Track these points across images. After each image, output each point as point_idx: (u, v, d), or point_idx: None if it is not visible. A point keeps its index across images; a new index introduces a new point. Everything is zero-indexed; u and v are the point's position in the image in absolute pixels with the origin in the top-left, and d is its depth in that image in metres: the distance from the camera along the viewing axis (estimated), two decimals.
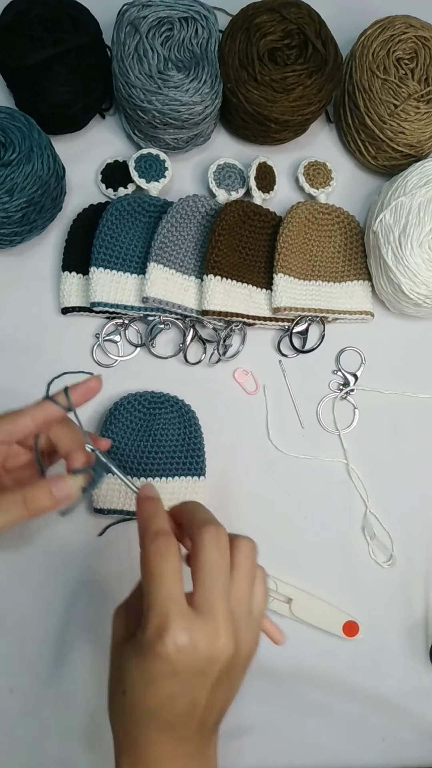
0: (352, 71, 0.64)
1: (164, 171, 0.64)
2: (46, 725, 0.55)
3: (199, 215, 0.64)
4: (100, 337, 0.63)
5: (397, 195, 0.61)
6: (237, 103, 0.62)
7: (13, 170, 0.56)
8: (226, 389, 0.64)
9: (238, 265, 0.63)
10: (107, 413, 0.60)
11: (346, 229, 0.67)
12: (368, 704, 0.59)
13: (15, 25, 0.59)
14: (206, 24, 0.62)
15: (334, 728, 0.58)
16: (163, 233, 0.61)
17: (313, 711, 0.58)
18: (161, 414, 0.60)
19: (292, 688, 0.58)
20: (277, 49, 0.62)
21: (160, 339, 0.64)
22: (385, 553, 0.62)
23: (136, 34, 0.60)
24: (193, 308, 0.63)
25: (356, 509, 0.63)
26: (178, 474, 0.60)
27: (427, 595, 0.62)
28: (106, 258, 0.61)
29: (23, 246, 0.63)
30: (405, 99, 0.62)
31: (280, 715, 0.57)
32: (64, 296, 0.62)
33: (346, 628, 0.59)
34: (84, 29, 0.60)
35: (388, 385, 0.65)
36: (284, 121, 0.63)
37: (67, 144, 0.66)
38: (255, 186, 0.65)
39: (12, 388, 0.61)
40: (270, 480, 0.62)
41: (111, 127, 0.68)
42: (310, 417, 0.64)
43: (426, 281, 0.60)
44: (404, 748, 0.58)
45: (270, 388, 0.64)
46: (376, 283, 0.66)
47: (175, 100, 0.59)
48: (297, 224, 0.64)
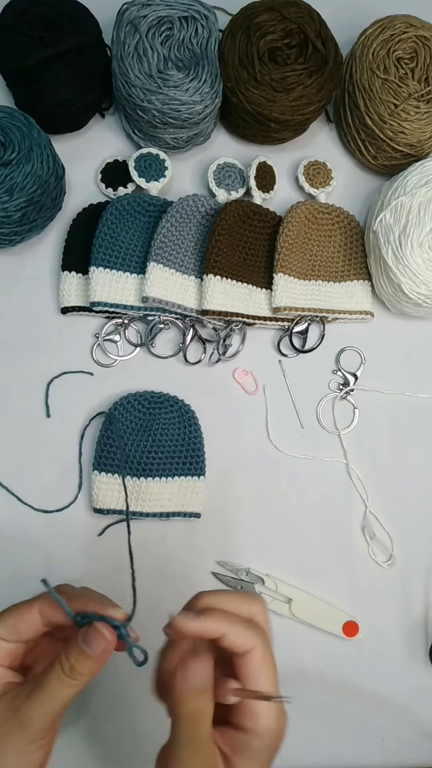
0: (352, 71, 0.64)
1: (164, 170, 0.64)
2: None
3: (199, 215, 0.64)
4: (100, 337, 0.63)
5: (397, 195, 0.61)
6: (237, 103, 0.62)
7: (13, 170, 0.56)
8: (226, 389, 0.64)
9: (238, 265, 0.63)
10: (107, 413, 0.60)
11: (346, 228, 0.67)
12: (368, 704, 0.59)
13: (15, 25, 0.59)
14: (206, 23, 0.62)
15: (334, 728, 0.58)
16: (163, 233, 0.61)
17: (313, 711, 0.58)
18: (161, 414, 0.60)
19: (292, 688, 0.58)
20: (277, 48, 0.62)
21: (159, 339, 0.64)
22: (385, 553, 0.62)
23: (136, 34, 0.60)
24: (193, 308, 0.63)
25: (356, 509, 0.63)
26: (178, 474, 0.60)
27: (427, 595, 0.62)
28: (106, 258, 0.61)
29: (23, 246, 0.63)
30: (405, 99, 0.62)
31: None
32: (64, 296, 0.62)
33: (346, 628, 0.59)
34: (84, 29, 0.60)
35: (388, 384, 0.65)
36: (284, 120, 0.63)
37: (66, 143, 0.66)
38: (255, 186, 0.65)
39: (12, 388, 0.61)
40: (270, 480, 0.62)
41: (111, 127, 0.68)
42: (310, 417, 0.64)
43: (426, 281, 0.60)
44: (404, 748, 0.58)
45: (270, 388, 0.64)
46: (376, 283, 0.66)
47: (175, 100, 0.59)
48: (297, 224, 0.64)
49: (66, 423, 0.61)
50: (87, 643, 0.36)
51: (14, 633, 0.39)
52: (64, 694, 0.36)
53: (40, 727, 0.36)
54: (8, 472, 0.60)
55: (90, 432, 0.61)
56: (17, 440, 0.60)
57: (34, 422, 0.61)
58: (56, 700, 0.36)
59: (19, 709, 0.36)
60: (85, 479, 0.60)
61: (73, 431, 0.61)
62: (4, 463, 0.60)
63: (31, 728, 0.36)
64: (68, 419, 0.61)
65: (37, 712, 0.36)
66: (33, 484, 0.60)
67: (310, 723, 0.57)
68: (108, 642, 0.37)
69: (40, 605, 0.39)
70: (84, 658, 0.36)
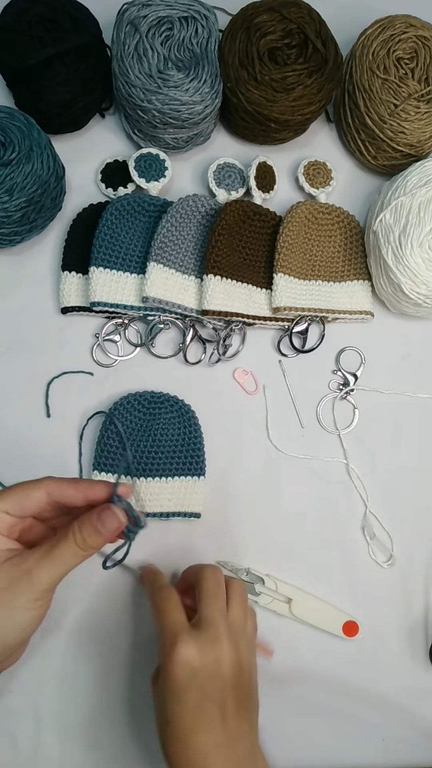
0: (352, 71, 0.64)
1: (164, 171, 0.64)
2: (46, 725, 0.55)
3: (199, 215, 0.64)
4: (100, 337, 0.63)
5: (397, 195, 0.61)
6: (237, 103, 0.62)
7: (13, 170, 0.56)
8: (226, 389, 0.64)
9: (238, 265, 0.63)
10: (107, 413, 0.60)
11: (346, 228, 0.67)
12: (368, 704, 0.59)
13: (15, 25, 0.59)
14: (206, 23, 0.62)
15: (334, 728, 0.58)
16: (163, 233, 0.61)
17: (313, 711, 0.58)
18: (161, 414, 0.60)
19: (292, 688, 0.58)
20: (277, 48, 0.62)
21: (159, 339, 0.64)
22: (384, 553, 0.62)
23: (136, 34, 0.60)
24: (193, 308, 0.63)
25: (356, 509, 0.63)
26: (178, 474, 0.60)
27: (427, 595, 0.61)
28: (106, 258, 0.61)
29: (23, 246, 0.63)
30: (405, 99, 0.62)
31: (280, 715, 0.57)
32: (64, 296, 0.62)
33: (346, 628, 0.59)
34: (84, 29, 0.60)
35: (388, 385, 0.65)
36: (284, 120, 0.63)
37: (67, 144, 0.66)
38: (255, 186, 0.65)
39: (12, 388, 0.61)
40: (270, 480, 0.62)
41: (111, 127, 0.68)
42: (310, 417, 0.64)
43: (426, 281, 0.60)
44: (404, 748, 0.58)
45: (270, 388, 0.64)
46: (376, 283, 0.66)
47: (175, 100, 0.59)
48: (297, 224, 0.64)
49: (66, 423, 0.61)
50: (101, 522, 0.42)
51: (19, 508, 0.43)
52: (72, 561, 0.42)
53: (47, 587, 0.42)
54: (8, 472, 0.60)
55: (90, 432, 0.61)
56: (17, 440, 0.60)
57: (34, 422, 0.61)
58: (65, 565, 0.42)
59: (30, 570, 0.41)
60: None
61: (73, 431, 0.61)
62: (4, 463, 0.60)
63: (39, 587, 0.41)
64: (68, 419, 0.61)
65: (47, 574, 0.41)
66: None
67: (310, 723, 0.57)
68: (120, 523, 0.43)
69: (48, 484, 0.44)
70: (95, 534, 0.42)
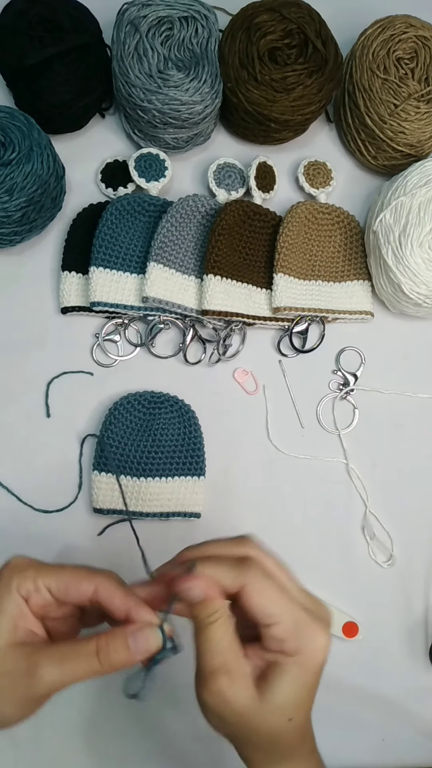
0: (352, 71, 0.64)
1: (164, 170, 0.64)
2: (46, 725, 0.55)
3: (199, 215, 0.64)
4: (100, 337, 0.63)
5: (397, 195, 0.61)
6: (237, 103, 0.62)
7: (13, 169, 0.56)
8: (226, 389, 0.64)
9: (238, 265, 0.63)
10: (107, 413, 0.60)
11: (346, 229, 0.67)
12: (368, 704, 0.59)
13: (15, 25, 0.59)
14: (206, 23, 0.62)
15: (334, 728, 0.58)
16: (163, 233, 0.61)
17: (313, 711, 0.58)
18: (161, 414, 0.60)
19: None
20: (278, 48, 0.62)
21: (159, 339, 0.64)
22: (384, 553, 0.62)
23: (136, 34, 0.60)
24: (193, 308, 0.63)
25: (356, 509, 0.63)
26: (178, 474, 0.60)
27: (427, 595, 0.61)
28: (106, 257, 0.61)
29: (23, 245, 0.63)
30: (405, 99, 0.62)
31: None
32: (64, 296, 0.62)
33: (346, 628, 0.59)
34: (84, 29, 0.60)
35: (387, 385, 0.65)
36: (284, 120, 0.63)
37: (67, 143, 0.66)
38: (255, 186, 0.65)
39: (12, 388, 0.61)
40: (270, 480, 0.62)
41: (111, 127, 0.68)
42: (310, 417, 0.64)
43: (426, 281, 0.60)
44: (404, 748, 0.58)
45: (270, 388, 0.64)
46: (376, 283, 0.66)
47: (175, 100, 0.59)
48: (297, 224, 0.64)
49: (66, 423, 0.61)
50: (135, 639, 0.36)
51: (63, 593, 0.38)
52: (85, 673, 0.36)
53: (48, 692, 0.36)
54: (8, 472, 0.60)
55: (90, 432, 0.61)
56: (17, 440, 0.60)
57: (34, 422, 0.61)
58: (76, 675, 0.36)
59: (37, 667, 0.36)
60: (85, 479, 0.60)
61: (73, 431, 0.61)
62: (4, 463, 0.60)
63: (40, 690, 0.36)
64: (68, 419, 0.61)
65: (53, 678, 0.35)
66: (33, 484, 0.60)
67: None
68: (152, 649, 0.37)
69: (100, 582, 0.38)
70: (123, 650, 0.36)
